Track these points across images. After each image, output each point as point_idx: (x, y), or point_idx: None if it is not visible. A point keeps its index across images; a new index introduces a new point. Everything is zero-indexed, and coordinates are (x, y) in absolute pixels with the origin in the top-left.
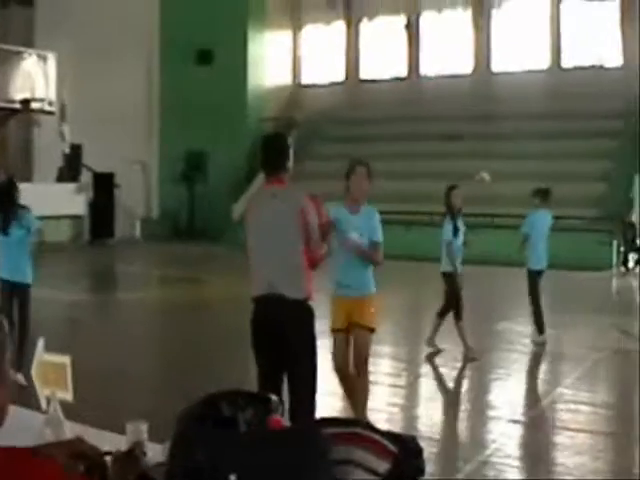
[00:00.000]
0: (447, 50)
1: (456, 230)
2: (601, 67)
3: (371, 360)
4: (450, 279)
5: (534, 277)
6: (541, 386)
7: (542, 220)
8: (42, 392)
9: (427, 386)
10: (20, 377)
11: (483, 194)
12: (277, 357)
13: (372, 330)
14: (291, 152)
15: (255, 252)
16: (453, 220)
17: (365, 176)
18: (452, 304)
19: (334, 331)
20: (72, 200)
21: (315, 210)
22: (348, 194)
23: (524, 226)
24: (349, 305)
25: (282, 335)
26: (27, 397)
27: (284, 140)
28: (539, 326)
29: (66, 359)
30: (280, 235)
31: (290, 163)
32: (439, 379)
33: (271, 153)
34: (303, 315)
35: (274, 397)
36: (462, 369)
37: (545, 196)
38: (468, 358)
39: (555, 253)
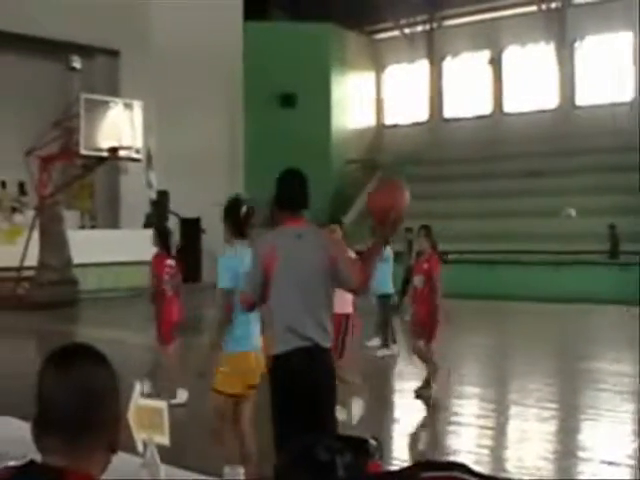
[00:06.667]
0: (530, 85)
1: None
2: None
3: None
4: None
5: None
6: (634, 425)
7: None
8: (138, 436)
9: (515, 427)
10: None
11: (567, 230)
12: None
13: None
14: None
15: (282, 299)
16: None
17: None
18: None
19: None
20: None
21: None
22: None
23: None
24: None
25: (316, 388)
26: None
27: (303, 176)
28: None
29: (163, 404)
30: (310, 279)
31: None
32: (528, 419)
33: (296, 189)
34: (332, 364)
35: (372, 441)
36: (552, 409)
37: None
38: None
39: None
